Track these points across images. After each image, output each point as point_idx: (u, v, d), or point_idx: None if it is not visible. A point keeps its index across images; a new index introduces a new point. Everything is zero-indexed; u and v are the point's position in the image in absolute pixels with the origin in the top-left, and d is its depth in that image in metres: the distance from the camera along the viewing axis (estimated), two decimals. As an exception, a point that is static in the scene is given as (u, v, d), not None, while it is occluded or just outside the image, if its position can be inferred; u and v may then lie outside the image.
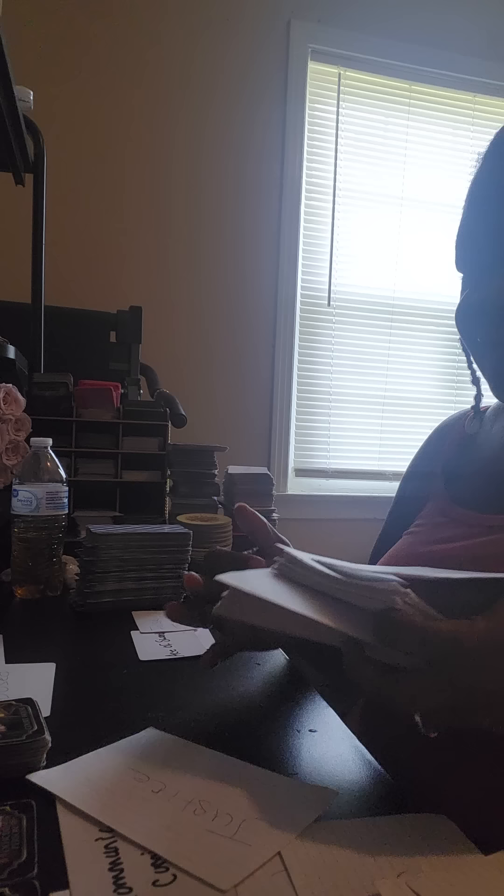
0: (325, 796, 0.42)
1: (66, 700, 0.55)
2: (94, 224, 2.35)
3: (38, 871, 0.34)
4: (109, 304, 1.88)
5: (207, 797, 0.41)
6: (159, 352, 2.12)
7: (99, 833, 0.37)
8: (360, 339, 2.67)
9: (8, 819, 0.38)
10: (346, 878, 0.34)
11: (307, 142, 2.56)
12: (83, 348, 1.80)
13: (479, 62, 2.67)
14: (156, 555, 0.86)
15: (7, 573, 0.93)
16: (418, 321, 2.70)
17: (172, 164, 2.42)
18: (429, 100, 2.68)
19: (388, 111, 2.65)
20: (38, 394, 1.16)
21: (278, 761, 0.47)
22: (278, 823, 0.39)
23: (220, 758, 0.46)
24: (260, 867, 0.35)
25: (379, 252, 2.66)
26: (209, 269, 2.47)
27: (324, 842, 0.38)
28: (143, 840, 0.36)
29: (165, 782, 0.43)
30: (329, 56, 2.56)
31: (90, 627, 0.77)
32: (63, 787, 0.42)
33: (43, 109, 1.53)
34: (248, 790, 0.42)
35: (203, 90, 2.44)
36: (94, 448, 1.19)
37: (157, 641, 0.72)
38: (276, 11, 2.48)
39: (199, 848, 0.36)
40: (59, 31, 2.28)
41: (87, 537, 0.85)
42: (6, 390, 0.98)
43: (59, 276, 1.87)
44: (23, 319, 1.54)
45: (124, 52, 2.35)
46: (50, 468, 0.91)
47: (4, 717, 0.47)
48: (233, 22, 2.44)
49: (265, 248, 2.53)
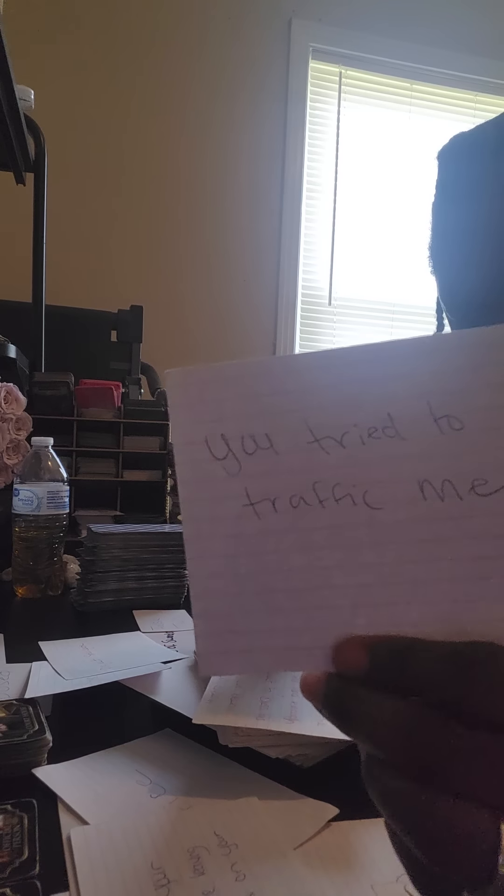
0: (324, 813, 0.41)
1: (67, 700, 0.55)
2: (95, 223, 2.35)
3: (40, 870, 0.34)
4: (110, 304, 1.88)
5: (201, 807, 0.41)
6: (160, 351, 2.11)
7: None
8: (361, 338, 2.67)
9: (9, 818, 0.38)
10: (344, 881, 0.35)
11: (308, 141, 2.55)
12: (84, 348, 1.80)
13: (480, 61, 2.67)
14: (157, 554, 0.86)
15: (8, 572, 0.94)
16: (419, 321, 2.70)
17: (173, 163, 2.42)
18: (430, 99, 2.68)
19: (390, 110, 2.65)
20: (39, 393, 1.16)
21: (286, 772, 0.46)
22: (266, 848, 0.36)
23: (225, 764, 0.46)
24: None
25: (380, 251, 2.66)
26: (210, 267, 2.47)
27: (323, 843, 0.38)
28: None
29: (165, 787, 0.43)
30: (330, 55, 2.56)
31: (91, 627, 0.77)
32: (63, 784, 0.42)
33: (44, 108, 1.53)
34: (244, 806, 0.41)
35: (204, 89, 2.43)
36: (95, 447, 1.19)
37: (163, 642, 0.72)
38: (277, 10, 2.48)
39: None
40: (59, 30, 2.28)
41: (88, 537, 0.85)
42: (7, 389, 0.98)
43: (60, 276, 1.87)
44: (24, 319, 1.54)
45: (125, 52, 2.35)
46: (51, 467, 0.91)
47: (6, 717, 0.47)
48: (234, 21, 2.44)
49: (266, 246, 2.53)
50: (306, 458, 0.25)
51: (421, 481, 0.24)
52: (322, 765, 0.45)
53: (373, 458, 0.24)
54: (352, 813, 0.41)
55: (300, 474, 0.25)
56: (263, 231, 2.52)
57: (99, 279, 2.32)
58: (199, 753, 0.47)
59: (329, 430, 0.25)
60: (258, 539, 0.25)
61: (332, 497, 0.25)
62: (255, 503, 0.25)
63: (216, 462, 0.25)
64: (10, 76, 1.06)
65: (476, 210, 0.57)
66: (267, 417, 0.25)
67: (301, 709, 0.47)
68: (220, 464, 0.25)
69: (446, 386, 0.24)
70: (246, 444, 0.25)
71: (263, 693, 0.49)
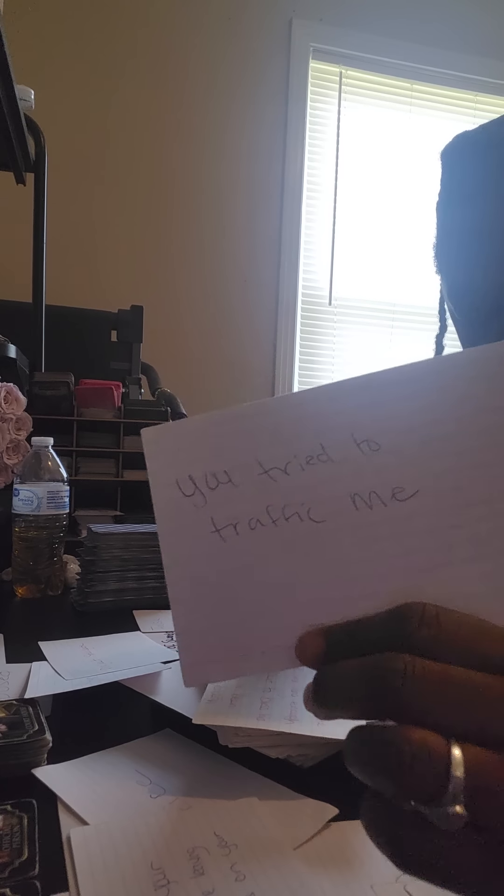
0: (324, 813, 0.41)
1: (67, 700, 0.55)
2: (95, 223, 2.35)
3: (39, 871, 0.34)
4: (110, 304, 1.89)
5: (201, 807, 0.41)
6: (160, 351, 2.12)
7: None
8: (361, 338, 2.67)
9: (9, 818, 0.38)
10: (344, 881, 0.35)
11: (308, 141, 2.55)
12: (84, 347, 1.80)
13: (480, 61, 2.67)
14: (157, 554, 0.85)
15: (8, 572, 0.94)
16: (420, 321, 2.70)
17: (174, 163, 2.42)
18: (430, 99, 2.68)
19: (390, 110, 2.65)
20: (40, 393, 1.16)
21: (286, 772, 0.46)
22: (266, 848, 0.36)
23: (225, 764, 0.46)
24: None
25: (380, 251, 2.66)
26: (210, 267, 2.47)
27: (323, 843, 0.38)
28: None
29: (165, 787, 0.43)
30: (330, 55, 2.56)
31: (91, 627, 0.77)
32: (63, 785, 0.42)
33: (44, 109, 1.53)
34: (244, 806, 0.41)
35: (204, 89, 2.43)
36: (95, 447, 1.19)
37: (163, 642, 0.72)
38: (278, 10, 2.48)
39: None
40: (60, 29, 2.28)
41: (88, 536, 0.85)
42: (7, 389, 0.98)
43: (61, 276, 1.87)
44: (24, 319, 1.54)
45: (125, 51, 2.35)
46: (51, 467, 0.91)
47: (5, 717, 0.47)
48: (234, 21, 2.44)
49: (266, 246, 2.53)
50: (259, 487, 0.30)
51: (352, 494, 0.29)
52: (322, 765, 0.45)
53: (311, 481, 0.29)
54: (352, 813, 0.41)
55: (254, 501, 0.30)
56: (263, 231, 2.52)
57: (99, 279, 2.32)
58: (199, 753, 0.47)
59: (275, 462, 0.30)
60: (224, 559, 0.30)
61: (283, 517, 0.30)
62: (220, 529, 0.30)
63: (186, 498, 0.31)
64: (11, 76, 1.06)
65: (482, 210, 0.57)
66: (225, 458, 0.30)
67: (301, 709, 0.47)
68: (189, 500, 0.30)
69: (364, 417, 0.29)
70: (209, 481, 0.30)
71: (263, 693, 0.49)
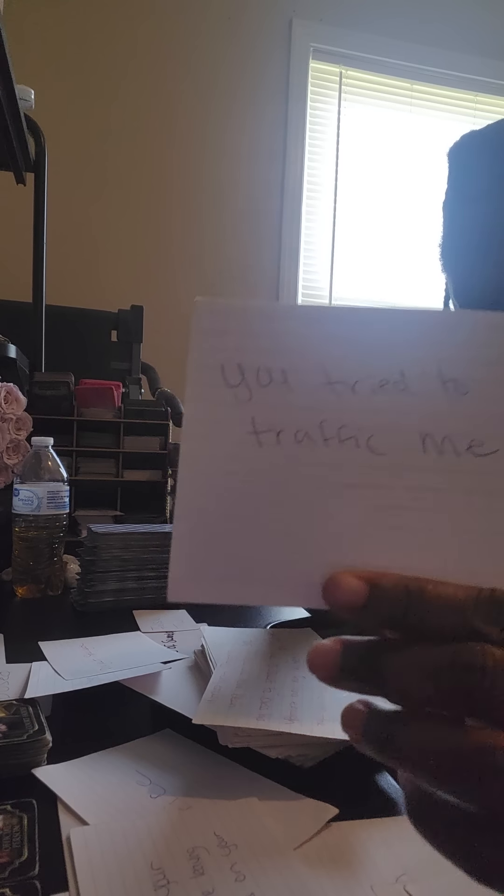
0: (324, 814, 0.41)
1: (67, 700, 0.55)
2: (95, 223, 2.35)
3: (40, 871, 0.34)
4: (110, 304, 1.89)
5: (201, 807, 0.41)
6: (160, 351, 2.11)
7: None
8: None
9: (9, 818, 0.38)
10: (344, 881, 0.35)
11: (308, 141, 2.55)
12: (84, 347, 1.80)
13: (481, 61, 2.67)
14: (157, 554, 0.86)
15: (8, 572, 0.94)
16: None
17: (174, 163, 2.42)
18: (430, 99, 2.68)
19: (390, 110, 2.65)
20: (40, 393, 1.16)
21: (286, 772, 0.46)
22: (266, 848, 0.36)
23: (225, 764, 0.46)
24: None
25: (381, 251, 2.66)
26: (210, 267, 2.47)
27: (323, 843, 0.38)
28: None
29: (165, 787, 0.43)
30: (330, 55, 2.56)
31: (91, 627, 0.77)
32: (63, 785, 0.42)
33: (44, 108, 1.53)
34: (244, 806, 0.41)
35: (204, 89, 2.43)
36: (95, 447, 1.19)
37: (163, 642, 0.72)
38: (278, 10, 2.48)
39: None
40: (60, 29, 2.28)
41: (88, 536, 0.85)
42: (7, 389, 0.98)
43: (61, 275, 1.87)
44: (24, 319, 1.54)
45: (125, 51, 2.35)
46: (51, 467, 0.91)
47: (5, 717, 0.47)
48: (234, 21, 2.44)
49: (266, 246, 2.53)
50: (318, 397, 0.26)
51: (423, 435, 0.25)
52: (322, 765, 0.45)
53: (381, 408, 0.25)
54: (352, 813, 0.41)
55: (309, 412, 0.26)
56: (264, 230, 2.52)
57: (99, 279, 2.32)
58: (199, 753, 0.47)
59: (342, 376, 0.26)
60: (256, 467, 0.26)
61: (337, 437, 0.26)
62: (260, 432, 0.26)
63: (228, 388, 0.26)
64: (11, 76, 1.06)
65: (490, 209, 0.57)
66: (286, 355, 0.26)
67: (301, 709, 0.47)
68: (231, 390, 0.26)
69: (458, 355, 0.25)
70: (261, 377, 0.26)
71: (263, 693, 0.49)
